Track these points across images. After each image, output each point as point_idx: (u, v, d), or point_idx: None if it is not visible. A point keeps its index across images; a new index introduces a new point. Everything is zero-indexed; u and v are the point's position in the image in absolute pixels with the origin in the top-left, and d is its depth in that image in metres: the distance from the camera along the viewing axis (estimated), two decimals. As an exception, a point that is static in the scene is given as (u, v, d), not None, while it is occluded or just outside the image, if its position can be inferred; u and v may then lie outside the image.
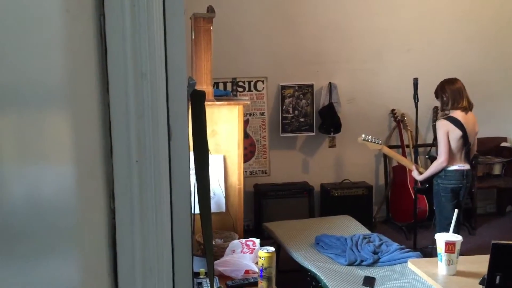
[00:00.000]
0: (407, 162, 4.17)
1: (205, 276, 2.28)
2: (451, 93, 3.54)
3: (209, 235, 1.34)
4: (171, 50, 0.88)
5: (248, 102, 3.35)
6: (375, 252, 3.05)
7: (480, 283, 2.03)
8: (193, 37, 2.78)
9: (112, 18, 0.76)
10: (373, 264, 2.97)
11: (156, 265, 0.83)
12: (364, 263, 2.97)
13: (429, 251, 3.88)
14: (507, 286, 1.81)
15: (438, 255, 2.24)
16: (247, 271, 2.40)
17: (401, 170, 4.77)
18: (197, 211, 1.33)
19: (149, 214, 0.81)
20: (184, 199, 0.93)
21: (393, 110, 5.06)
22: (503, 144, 5.29)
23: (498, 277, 1.82)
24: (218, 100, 2.97)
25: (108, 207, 0.78)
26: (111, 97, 0.77)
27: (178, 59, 0.89)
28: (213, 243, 2.63)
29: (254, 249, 2.53)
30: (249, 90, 4.82)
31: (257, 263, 2.34)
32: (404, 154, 4.84)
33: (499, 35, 5.17)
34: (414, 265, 2.40)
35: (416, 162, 4.21)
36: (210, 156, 1.73)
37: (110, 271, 0.78)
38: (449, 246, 2.19)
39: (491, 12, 5.14)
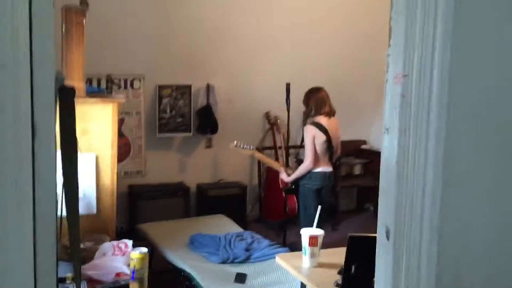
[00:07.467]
0: (275, 165, 4.40)
1: (71, 282, 2.16)
2: (314, 101, 3.86)
3: (76, 238, 1.28)
4: (37, 41, 0.83)
5: (123, 100, 3.25)
6: (247, 249, 3.17)
7: (338, 273, 2.22)
8: (63, 30, 2.62)
9: (-33, 3, 0.70)
10: (245, 261, 3.08)
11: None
12: (236, 260, 3.07)
13: (297, 246, 4.13)
14: (361, 274, 2.01)
15: (303, 249, 2.39)
16: (118, 274, 2.33)
17: (275, 171, 4.99)
18: (64, 213, 1.27)
19: (8, 217, 0.76)
20: (49, 200, 0.88)
21: (267, 112, 5.27)
22: (363, 146, 5.83)
23: (353, 267, 2.02)
24: (91, 97, 2.83)
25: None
26: (-35, 89, 0.71)
27: (45, 51, 0.84)
28: (82, 246, 2.51)
29: (127, 251, 2.46)
30: (125, 88, 4.67)
31: (129, 265, 2.29)
32: (277, 155, 5.09)
33: (358, 43, 5.46)
34: (282, 260, 2.54)
35: (287, 163, 4.46)
36: (80, 155, 1.65)
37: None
38: (313, 240, 2.36)
39: (346, 22, 5.45)
